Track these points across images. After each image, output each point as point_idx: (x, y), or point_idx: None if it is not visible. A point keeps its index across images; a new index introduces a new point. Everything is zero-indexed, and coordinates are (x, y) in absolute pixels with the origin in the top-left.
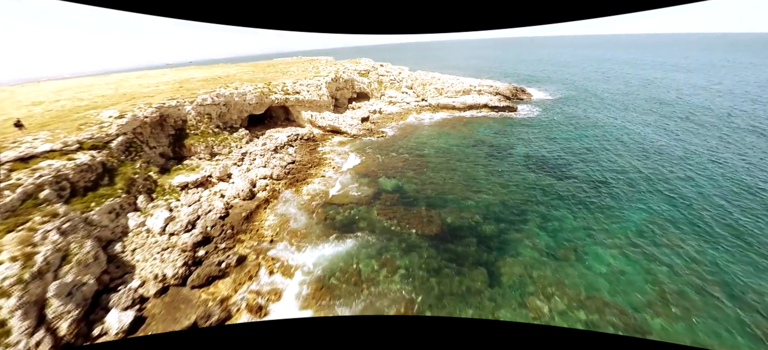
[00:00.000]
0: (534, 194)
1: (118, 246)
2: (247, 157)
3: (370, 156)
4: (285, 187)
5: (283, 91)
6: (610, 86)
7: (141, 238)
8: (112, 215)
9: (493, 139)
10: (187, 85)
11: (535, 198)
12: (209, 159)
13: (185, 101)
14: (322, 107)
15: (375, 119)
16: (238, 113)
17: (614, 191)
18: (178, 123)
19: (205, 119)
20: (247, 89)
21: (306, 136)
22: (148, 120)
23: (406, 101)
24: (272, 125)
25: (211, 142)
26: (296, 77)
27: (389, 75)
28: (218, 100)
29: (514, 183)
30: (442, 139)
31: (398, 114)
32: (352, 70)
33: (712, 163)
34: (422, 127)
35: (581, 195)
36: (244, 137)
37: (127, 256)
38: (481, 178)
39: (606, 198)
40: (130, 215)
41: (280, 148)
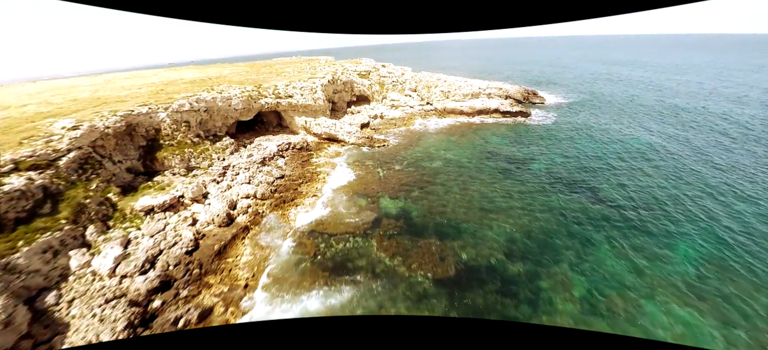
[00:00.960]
0: (562, 222)
1: (51, 297)
2: (230, 171)
3: (370, 170)
4: (270, 209)
5: (274, 95)
6: (623, 90)
7: (83, 283)
8: (47, 255)
9: (508, 150)
10: (171, 88)
11: (563, 228)
12: (185, 174)
13: (159, 107)
14: (317, 112)
15: (376, 125)
16: (223, 120)
17: (653, 220)
18: (150, 132)
19: (183, 128)
20: (233, 93)
21: (299, 144)
22: (111, 130)
23: (410, 105)
24: (263, 132)
25: (189, 153)
26: (291, 79)
27: (391, 76)
28: (198, 105)
29: (538, 207)
30: (451, 150)
31: (401, 119)
32: (351, 70)
33: (751, 184)
34: (428, 134)
35: (617, 225)
36: (229, 147)
37: (62, 310)
38: (498, 200)
39: (646, 230)
40: (74, 253)
41: (269, 159)
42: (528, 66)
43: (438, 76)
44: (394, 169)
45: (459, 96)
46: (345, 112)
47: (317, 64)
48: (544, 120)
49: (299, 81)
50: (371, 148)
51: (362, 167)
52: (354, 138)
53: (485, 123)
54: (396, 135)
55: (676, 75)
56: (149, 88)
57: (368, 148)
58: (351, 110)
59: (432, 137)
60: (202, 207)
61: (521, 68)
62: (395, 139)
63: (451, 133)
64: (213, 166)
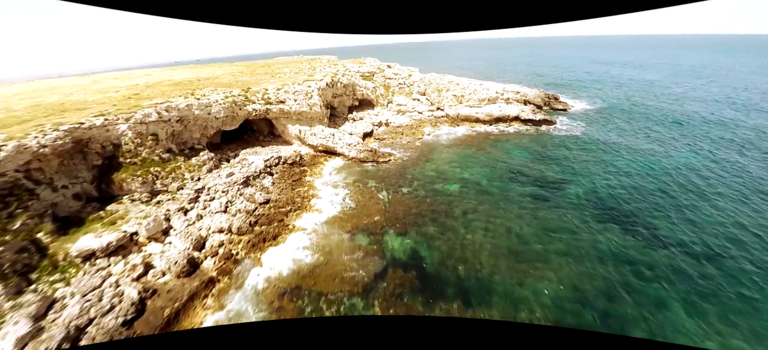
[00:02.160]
0: (620, 277)
1: None
2: (204, 195)
3: (373, 194)
4: (246, 250)
5: (263, 101)
6: (650, 95)
7: None
8: None
9: (536, 168)
10: (149, 91)
11: (623, 286)
12: (147, 200)
13: (119, 118)
14: (313, 120)
15: (381, 134)
16: (201, 130)
17: (741, 275)
18: (107, 149)
19: (149, 141)
20: (214, 99)
21: (291, 158)
22: (51, 149)
23: (418, 111)
24: (253, 142)
25: (155, 173)
26: (286, 81)
27: (397, 78)
28: (169, 114)
29: (585, 251)
30: (469, 167)
31: (409, 127)
32: (354, 71)
33: None
34: (440, 146)
35: (694, 282)
36: (207, 163)
37: None
38: (533, 241)
39: (736, 291)
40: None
41: (253, 178)
42: (537, 67)
43: (449, 78)
44: (402, 193)
45: (474, 101)
46: (346, 119)
47: (318, 64)
48: (572, 130)
49: (293, 84)
50: (375, 163)
51: (364, 189)
52: (355, 151)
53: (505, 132)
54: (403, 147)
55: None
56: (126, 92)
57: (371, 163)
58: (352, 116)
59: (445, 150)
60: (160, 248)
61: (531, 70)
62: (402, 152)
63: (466, 145)
64: (184, 189)
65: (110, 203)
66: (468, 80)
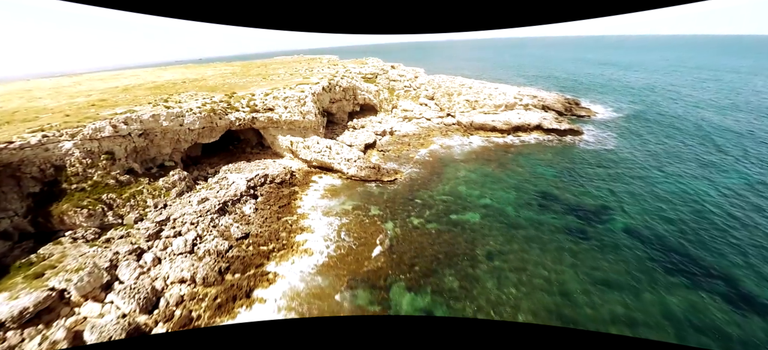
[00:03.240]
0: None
1: None
2: (168, 227)
3: (377, 225)
4: (212, 312)
5: (248, 108)
6: (675, 101)
7: None
8: None
9: (568, 190)
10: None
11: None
12: (93, 238)
13: (63, 134)
14: (306, 130)
15: (384, 145)
16: (173, 144)
17: None
18: (47, 172)
19: (102, 161)
20: (189, 107)
21: (279, 176)
22: None
23: (427, 117)
24: (239, 155)
25: (109, 201)
26: (277, 84)
27: (403, 80)
28: (127, 128)
29: (654, 321)
30: (490, 190)
31: (416, 137)
32: (355, 73)
33: None
34: (453, 161)
35: None
36: (177, 185)
37: None
38: (582, 300)
39: None
40: None
41: (233, 203)
42: (545, 68)
43: (460, 80)
44: (411, 226)
45: (489, 107)
46: (345, 127)
47: (317, 65)
48: (603, 142)
49: (285, 88)
50: (378, 183)
51: (364, 219)
52: (355, 167)
53: (526, 144)
54: (410, 161)
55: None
56: (98, 96)
57: (374, 183)
58: (353, 124)
59: (459, 166)
60: (99, 309)
61: (540, 72)
62: (410, 168)
63: (484, 159)
64: (144, 220)
65: (49, 241)
66: (481, 83)
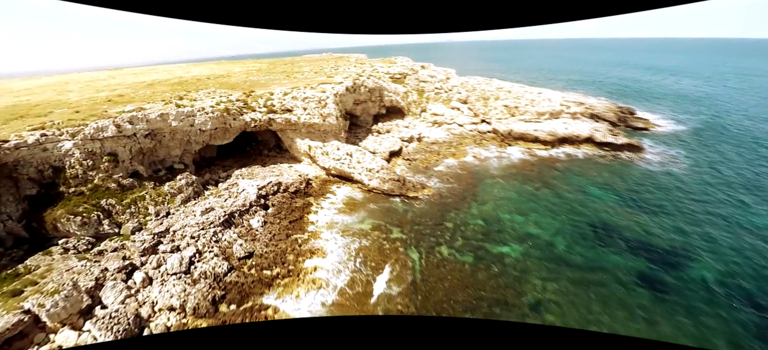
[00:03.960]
0: None
1: None
2: (167, 240)
3: (399, 254)
4: None
5: (266, 108)
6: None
7: None
8: None
9: (633, 221)
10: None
11: None
12: (86, 249)
13: (63, 133)
14: (326, 134)
15: (411, 153)
16: (182, 146)
17: None
18: (45, 174)
19: (104, 163)
20: (201, 106)
21: (294, 185)
22: None
23: (459, 123)
24: (255, 158)
25: (107, 208)
26: (299, 83)
27: (433, 81)
28: (132, 127)
29: None
30: (534, 215)
31: (447, 145)
32: (382, 72)
33: None
34: (489, 176)
35: None
36: (184, 190)
37: None
38: None
39: None
40: None
41: (240, 214)
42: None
43: (498, 83)
44: (439, 258)
45: (531, 114)
46: (369, 131)
47: (343, 64)
48: (668, 162)
49: (305, 88)
50: (403, 198)
51: (385, 244)
52: (377, 179)
53: (574, 159)
54: (440, 174)
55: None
56: (123, 90)
57: (399, 198)
58: (378, 128)
59: (496, 183)
60: (75, 339)
61: (581, 75)
62: (439, 183)
63: (525, 177)
64: (143, 230)
65: (43, 248)
66: (522, 87)
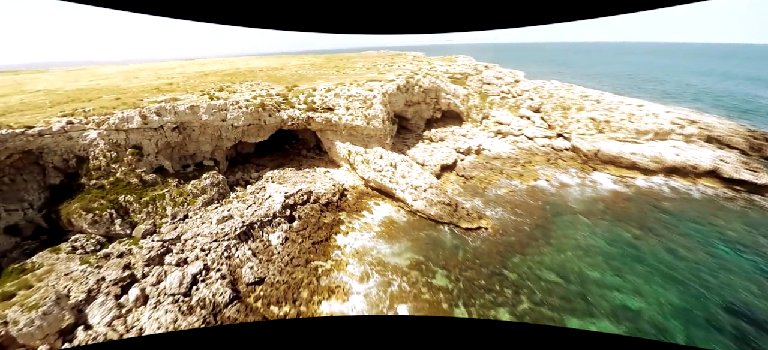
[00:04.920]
0: None
1: None
2: (177, 249)
3: (442, 309)
4: None
5: (305, 105)
6: None
7: None
8: None
9: None
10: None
11: None
12: (93, 250)
13: (90, 121)
14: (370, 138)
15: (468, 168)
16: (214, 142)
17: None
18: (70, 163)
19: (129, 156)
20: (236, 99)
21: (326, 196)
22: None
23: (528, 135)
24: (292, 157)
25: (125, 205)
26: (346, 79)
27: (499, 83)
28: (160, 119)
29: None
30: (636, 281)
31: (513, 161)
32: (441, 70)
33: None
34: (568, 210)
35: None
36: (208, 190)
37: None
38: None
39: None
40: None
41: (261, 226)
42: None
43: (581, 90)
44: None
45: (627, 132)
46: (419, 137)
47: (399, 60)
48: None
49: (351, 85)
50: (454, 228)
51: (425, 294)
52: (423, 201)
53: (688, 197)
54: (503, 201)
55: None
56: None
57: (448, 226)
58: (430, 135)
59: (579, 221)
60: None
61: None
62: (500, 211)
63: (618, 215)
64: (155, 234)
65: (58, 242)
66: (614, 97)
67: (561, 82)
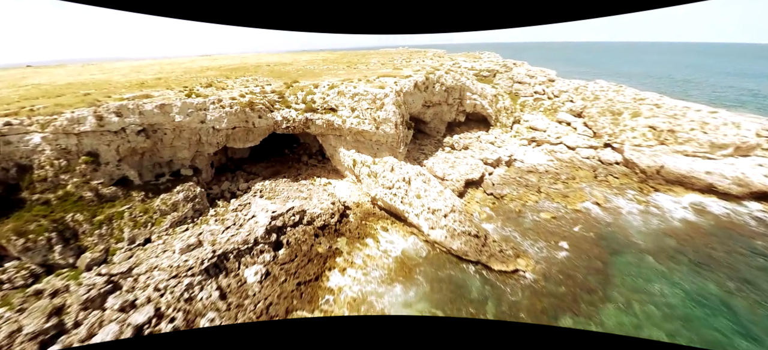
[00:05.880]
0: None
1: None
2: (126, 287)
3: None
4: None
5: (304, 104)
6: None
7: None
8: None
9: None
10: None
11: None
12: (20, 285)
13: (33, 123)
14: (380, 145)
15: (498, 184)
16: (193, 147)
17: None
18: (9, 173)
19: (81, 166)
20: (217, 97)
21: (322, 217)
22: None
23: (568, 144)
24: (291, 166)
25: (73, 225)
26: (355, 75)
27: (532, 82)
28: (121, 121)
29: None
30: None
31: (552, 177)
32: (465, 67)
33: None
34: (629, 246)
35: None
36: (180, 208)
37: None
38: None
39: None
40: None
41: (237, 255)
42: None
43: (633, 92)
44: None
45: (700, 144)
46: (439, 143)
47: (417, 57)
48: None
49: (358, 81)
50: (480, 269)
51: None
52: (443, 230)
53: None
54: (544, 231)
55: None
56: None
57: (474, 265)
58: (452, 141)
59: (647, 266)
60: None
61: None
62: (543, 248)
63: (698, 259)
64: (103, 265)
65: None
66: (677, 101)
67: (608, 82)
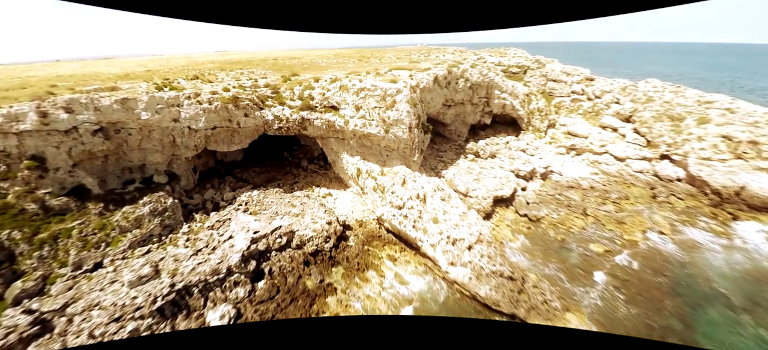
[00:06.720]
0: None
1: None
2: (58, 330)
3: None
4: None
5: (300, 102)
6: None
7: None
8: None
9: None
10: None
11: None
12: None
13: None
14: (390, 152)
15: (532, 203)
16: (167, 150)
17: None
18: None
19: (23, 172)
20: (193, 92)
21: (315, 239)
22: None
23: (615, 155)
24: (289, 172)
25: (9, 244)
26: (362, 68)
27: (568, 81)
28: (72, 119)
29: None
30: None
31: (599, 195)
32: (492, 62)
33: None
34: (711, 297)
35: None
36: (145, 223)
37: None
38: None
39: None
40: None
41: (202, 290)
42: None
43: (696, 93)
44: None
45: None
46: (461, 149)
47: (440, 53)
48: None
49: (367, 75)
50: (516, 322)
51: None
52: (466, 269)
53: None
54: (593, 269)
55: None
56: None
57: (508, 319)
58: (476, 148)
59: (741, 330)
60: None
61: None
62: (597, 297)
63: None
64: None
65: None
66: (756, 107)
67: (663, 82)
